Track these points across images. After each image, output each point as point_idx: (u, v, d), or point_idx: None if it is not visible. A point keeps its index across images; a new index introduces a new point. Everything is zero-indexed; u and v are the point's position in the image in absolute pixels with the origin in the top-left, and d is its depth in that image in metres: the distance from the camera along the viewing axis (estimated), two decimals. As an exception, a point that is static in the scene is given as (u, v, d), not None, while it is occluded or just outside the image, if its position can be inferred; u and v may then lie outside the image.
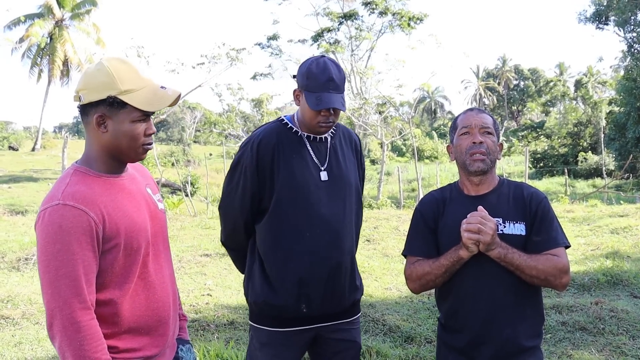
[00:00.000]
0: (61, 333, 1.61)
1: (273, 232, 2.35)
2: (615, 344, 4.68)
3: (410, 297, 6.30)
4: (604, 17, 31.89)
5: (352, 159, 2.53)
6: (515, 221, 2.13)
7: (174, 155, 34.02)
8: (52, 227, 1.62)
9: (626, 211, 12.31)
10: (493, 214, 2.08)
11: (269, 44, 24.56)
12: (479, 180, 2.20)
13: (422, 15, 23.29)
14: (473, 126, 2.17)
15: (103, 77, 1.72)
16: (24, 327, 5.31)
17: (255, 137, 2.39)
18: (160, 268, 1.89)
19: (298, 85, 2.36)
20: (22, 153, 39.13)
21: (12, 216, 14.30)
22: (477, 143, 2.15)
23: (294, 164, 2.34)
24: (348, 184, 2.44)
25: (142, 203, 1.85)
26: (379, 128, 24.61)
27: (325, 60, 2.32)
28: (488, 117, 2.23)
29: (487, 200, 2.17)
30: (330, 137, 2.46)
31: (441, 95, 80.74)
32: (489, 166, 2.16)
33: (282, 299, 2.32)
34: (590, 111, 41.14)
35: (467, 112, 2.27)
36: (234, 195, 2.39)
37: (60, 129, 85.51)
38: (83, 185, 1.70)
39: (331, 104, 2.26)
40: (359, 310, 2.56)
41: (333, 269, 2.36)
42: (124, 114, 1.74)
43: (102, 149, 1.78)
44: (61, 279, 1.60)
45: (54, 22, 39.57)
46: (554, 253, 2.09)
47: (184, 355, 2.06)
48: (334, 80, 2.28)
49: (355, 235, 2.52)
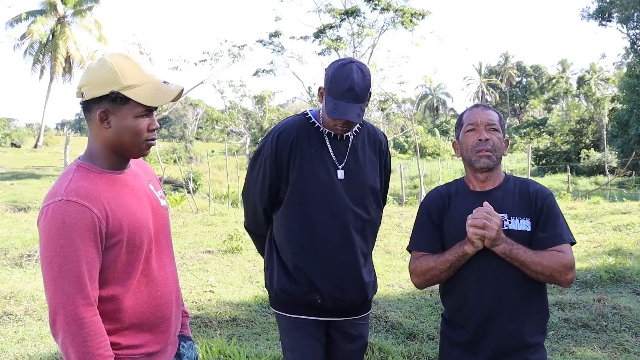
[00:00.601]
0: (64, 329, 1.60)
1: (286, 223, 2.41)
2: (617, 341, 4.67)
3: (413, 294, 6.30)
4: (607, 13, 31.81)
5: (373, 159, 2.52)
6: (520, 217, 2.13)
7: (176, 152, 34.08)
8: (55, 223, 1.61)
9: (629, 208, 12.30)
10: (498, 209, 2.08)
11: (271, 41, 24.55)
12: (484, 177, 2.20)
13: (424, 11, 23.25)
14: (479, 123, 2.17)
15: (105, 72, 1.71)
16: (26, 323, 5.31)
17: (277, 129, 2.45)
18: (163, 264, 1.88)
19: (324, 83, 2.37)
20: (25, 150, 39.15)
21: (15, 213, 14.31)
22: (483, 140, 2.15)
23: (310, 159, 2.37)
24: (364, 184, 2.45)
25: (145, 199, 1.85)
26: (381, 125, 24.59)
27: (351, 66, 2.29)
28: (494, 113, 2.23)
29: (492, 196, 2.17)
30: (353, 136, 2.46)
31: (443, 92, 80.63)
32: (495, 162, 2.17)
33: (296, 287, 2.38)
34: (592, 108, 41.08)
35: (472, 108, 2.26)
36: (255, 183, 2.46)
37: (62, 126, 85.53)
38: (86, 182, 1.69)
39: (345, 116, 2.26)
40: (369, 308, 2.58)
41: (340, 265, 2.38)
42: (126, 109, 1.73)
43: (105, 145, 1.77)
44: (64, 275, 1.60)
45: (56, 18, 39.58)
46: (559, 249, 2.08)
47: (185, 352, 2.05)
48: (354, 90, 2.26)
49: (370, 235, 2.52)
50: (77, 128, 74.34)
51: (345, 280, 2.39)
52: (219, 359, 4.18)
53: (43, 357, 4.48)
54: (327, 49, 23.83)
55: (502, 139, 2.20)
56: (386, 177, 2.63)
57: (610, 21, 32.14)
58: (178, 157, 27.39)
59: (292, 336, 2.44)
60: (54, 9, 38.95)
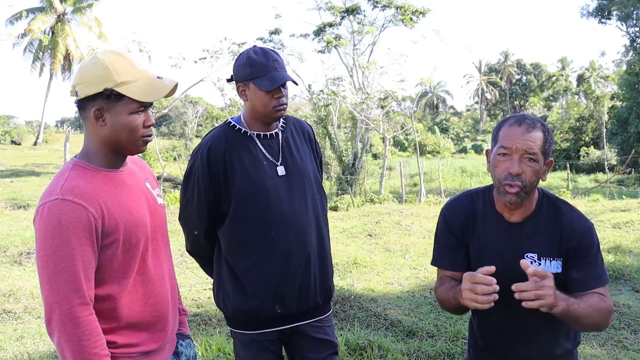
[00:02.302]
0: (59, 328, 1.60)
1: (238, 237, 2.31)
2: (617, 339, 4.68)
3: (412, 291, 6.30)
4: (607, 11, 31.78)
5: (306, 149, 2.50)
6: (551, 258, 1.91)
7: (176, 150, 34.08)
8: (51, 222, 1.61)
9: (628, 206, 12.30)
10: (528, 247, 1.91)
11: (271, 39, 24.52)
12: (513, 207, 1.93)
13: (424, 9, 23.23)
14: (514, 150, 1.84)
15: (98, 70, 1.71)
16: (25, 321, 5.32)
17: (204, 145, 2.35)
18: (160, 263, 1.88)
19: (240, 80, 2.32)
20: (24, 147, 39.14)
21: (14, 210, 14.32)
22: (514, 174, 1.83)
23: (247, 165, 2.30)
24: (306, 175, 2.41)
25: (142, 198, 1.84)
26: (381, 123, 24.58)
27: (260, 47, 2.33)
28: (537, 135, 1.85)
29: (523, 230, 1.95)
30: (280, 131, 2.43)
31: (443, 90, 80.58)
32: (523, 198, 1.88)
33: (256, 303, 2.30)
34: (592, 106, 41.02)
35: (513, 125, 1.87)
36: (191, 206, 2.34)
37: (62, 123, 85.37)
38: (82, 180, 1.69)
39: (285, 79, 2.27)
40: (330, 308, 2.52)
41: (303, 264, 2.33)
42: (121, 106, 1.73)
43: (101, 143, 1.77)
44: (60, 274, 1.60)
45: (56, 16, 39.52)
46: (600, 292, 1.86)
47: (183, 350, 2.05)
48: (278, 60, 2.30)
49: (322, 226, 2.46)
50: (76, 125, 74.20)
51: (308, 280, 2.34)
52: (218, 356, 4.18)
53: (42, 354, 4.48)
54: (327, 46, 23.80)
55: (539, 170, 1.86)
56: (320, 164, 2.61)
57: (610, 19, 32.12)
58: (178, 155, 27.38)
59: (247, 351, 2.37)
60: (54, 6, 38.88)
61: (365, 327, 4.97)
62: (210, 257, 2.46)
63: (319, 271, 2.40)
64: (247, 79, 2.29)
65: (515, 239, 1.94)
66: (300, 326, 2.39)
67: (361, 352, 4.27)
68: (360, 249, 8.80)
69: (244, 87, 2.32)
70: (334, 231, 9.62)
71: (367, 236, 9.79)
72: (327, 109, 24.09)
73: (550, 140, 1.89)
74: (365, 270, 7.38)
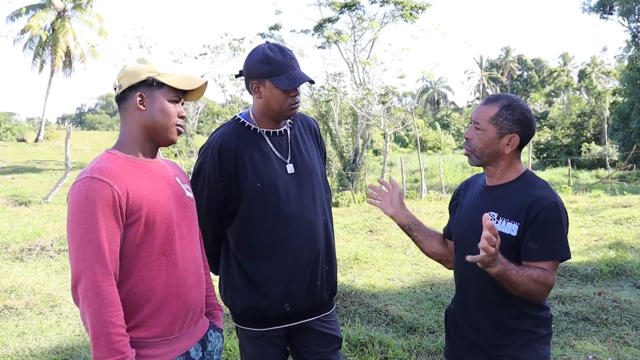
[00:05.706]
0: (83, 295, 1.71)
1: (247, 235, 2.31)
2: (618, 334, 4.68)
3: (413, 287, 6.31)
4: (608, 6, 31.69)
5: (313, 146, 2.50)
6: (509, 219, 2.03)
7: (177, 146, 34.02)
8: (79, 197, 1.76)
9: (629, 202, 12.31)
10: (491, 206, 2.08)
11: (271, 34, 24.40)
12: (487, 172, 2.17)
13: (424, 4, 23.15)
14: (471, 119, 2.14)
15: (141, 64, 1.96)
16: (27, 317, 5.33)
17: (214, 142, 2.33)
18: (185, 249, 1.96)
19: (254, 77, 2.28)
20: (26, 144, 39.16)
21: (16, 207, 14.35)
22: (465, 139, 2.14)
23: (258, 163, 2.30)
24: (314, 172, 2.42)
25: (166, 186, 1.97)
26: (382, 118, 24.51)
27: (274, 44, 2.31)
28: (488, 108, 2.08)
29: (493, 193, 2.14)
30: (289, 128, 2.43)
31: (444, 86, 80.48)
32: (477, 163, 2.13)
33: (266, 302, 2.30)
34: (594, 101, 40.97)
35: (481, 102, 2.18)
36: (200, 203, 2.29)
37: (63, 120, 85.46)
38: (111, 163, 1.85)
39: (305, 78, 2.25)
40: (334, 304, 2.55)
41: (312, 262, 2.34)
42: (161, 93, 1.95)
43: (138, 128, 1.94)
44: (86, 244, 1.72)
45: (56, 12, 39.50)
46: (545, 267, 1.97)
47: (212, 341, 2.13)
48: (295, 59, 2.29)
49: (329, 223, 2.47)
50: (77, 122, 74.34)
51: (316, 278, 2.35)
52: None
53: (44, 350, 4.49)
54: (328, 41, 23.73)
55: (487, 139, 2.08)
56: (324, 159, 2.62)
57: (612, 14, 32.02)
58: (179, 151, 27.30)
59: (254, 346, 2.38)
60: (53, 3, 38.83)
61: (366, 322, 4.98)
62: (217, 254, 2.46)
63: (326, 269, 2.41)
64: (263, 76, 2.26)
65: (485, 199, 2.15)
66: (308, 322, 2.41)
67: (362, 348, 4.27)
68: (361, 244, 8.81)
69: (258, 85, 2.29)
70: (335, 227, 9.58)
71: (368, 232, 9.80)
72: (328, 105, 24.04)
73: (507, 115, 2.06)
74: (366, 266, 7.39)
